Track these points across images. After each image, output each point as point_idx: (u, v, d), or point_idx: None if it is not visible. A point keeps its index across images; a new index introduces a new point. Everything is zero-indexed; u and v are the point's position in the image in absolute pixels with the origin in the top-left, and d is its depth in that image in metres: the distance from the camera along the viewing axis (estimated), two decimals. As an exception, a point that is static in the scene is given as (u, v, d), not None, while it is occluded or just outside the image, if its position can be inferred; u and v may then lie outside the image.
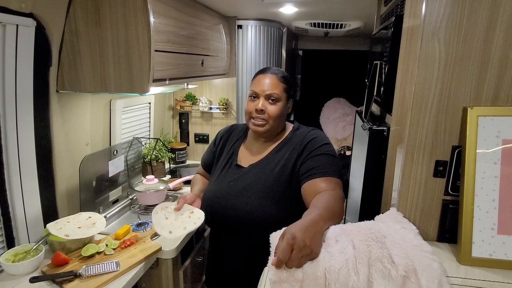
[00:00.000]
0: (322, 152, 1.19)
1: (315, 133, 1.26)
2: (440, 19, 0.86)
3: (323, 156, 1.18)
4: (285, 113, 1.28)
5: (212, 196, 1.26)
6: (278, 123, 1.26)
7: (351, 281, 0.78)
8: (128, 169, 1.88)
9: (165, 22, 1.45)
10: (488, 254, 0.85)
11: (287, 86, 1.26)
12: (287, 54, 3.04)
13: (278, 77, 1.26)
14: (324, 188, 1.09)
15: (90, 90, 1.39)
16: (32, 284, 1.11)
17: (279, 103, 1.23)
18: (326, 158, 1.18)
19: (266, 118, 1.22)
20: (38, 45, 1.26)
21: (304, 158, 1.19)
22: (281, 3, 1.93)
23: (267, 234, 0.93)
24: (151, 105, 2.18)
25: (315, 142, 1.21)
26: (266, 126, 1.23)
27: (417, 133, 0.92)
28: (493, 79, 0.86)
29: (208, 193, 1.30)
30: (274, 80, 1.24)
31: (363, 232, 0.86)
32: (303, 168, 1.17)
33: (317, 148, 1.20)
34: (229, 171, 1.30)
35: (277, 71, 1.29)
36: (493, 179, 0.85)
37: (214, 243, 1.35)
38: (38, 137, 1.33)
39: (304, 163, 1.18)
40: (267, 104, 1.22)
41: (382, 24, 1.54)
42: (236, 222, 1.20)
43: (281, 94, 1.23)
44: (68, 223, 1.34)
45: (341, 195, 1.09)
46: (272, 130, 1.26)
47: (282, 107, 1.24)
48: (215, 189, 1.27)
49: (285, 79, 1.27)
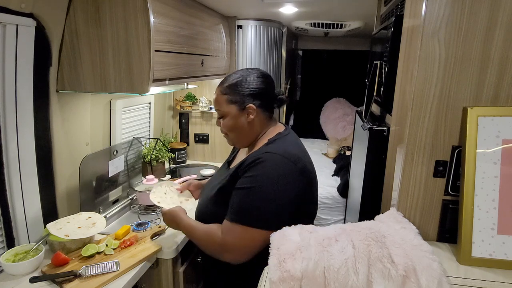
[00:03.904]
0: (241, 186, 1.06)
1: (267, 158, 1.05)
2: (440, 19, 0.86)
3: (238, 192, 1.07)
4: (241, 123, 1.16)
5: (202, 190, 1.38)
6: (239, 135, 1.19)
7: (350, 281, 0.78)
8: (128, 169, 1.88)
9: (165, 22, 1.45)
10: (488, 254, 0.85)
11: (231, 96, 1.14)
12: (287, 54, 3.04)
13: (222, 88, 1.17)
14: (221, 230, 1.09)
15: (90, 90, 1.39)
16: (32, 284, 1.11)
17: (227, 117, 1.16)
18: (239, 195, 1.06)
19: (224, 133, 1.21)
20: (38, 45, 1.26)
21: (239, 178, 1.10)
22: (281, 3, 1.93)
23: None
24: (151, 105, 2.18)
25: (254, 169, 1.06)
26: (229, 139, 1.23)
27: (417, 133, 0.92)
28: (493, 79, 0.86)
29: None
30: (217, 95, 1.18)
31: (363, 232, 0.86)
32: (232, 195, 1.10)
33: (247, 177, 1.06)
34: (221, 170, 1.35)
35: (224, 81, 1.18)
36: (493, 179, 0.85)
37: None
38: (38, 137, 1.33)
39: (234, 189, 1.09)
40: (221, 121, 1.20)
41: (382, 24, 1.54)
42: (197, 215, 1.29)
43: (225, 108, 1.15)
44: (68, 223, 1.34)
45: (222, 245, 1.07)
46: (238, 141, 1.22)
47: (231, 121, 1.16)
48: (206, 184, 1.36)
49: (229, 88, 1.15)
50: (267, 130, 1.20)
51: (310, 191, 1.14)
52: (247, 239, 1.04)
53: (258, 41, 2.48)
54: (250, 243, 1.04)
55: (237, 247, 1.05)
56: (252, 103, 1.14)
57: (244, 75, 1.17)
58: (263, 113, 1.18)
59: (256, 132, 1.19)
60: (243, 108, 1.15)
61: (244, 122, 1.16)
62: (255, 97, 1.15)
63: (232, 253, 1.06)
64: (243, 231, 1.03)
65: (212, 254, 1.12)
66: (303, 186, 1.07)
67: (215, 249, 1.10)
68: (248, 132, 1.18)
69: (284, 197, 1.03)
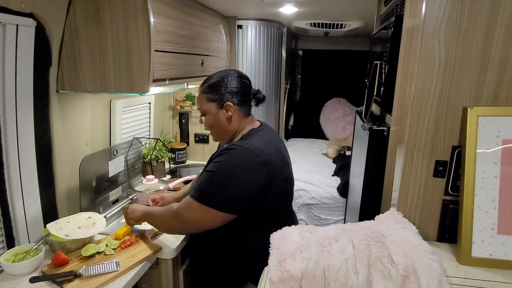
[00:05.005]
0: (207, 169, 1.18)
1: (232, 149, 1.16)
2: (440, 19, 0.86)
3: (204, 174, 1.19)
4: (220, 119, 1.27)
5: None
6: (219, 131, 1.30)
7: (350, 280, 0.78)
8: (128, 169, 1.88)
9: (165, 22, 1.45)
10: (488, 254, 0.85)
11: (211, 94, 1.26)
12: (287, 54, 3.04)
13: (203, 88, 1.29)
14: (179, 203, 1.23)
15: (90, 90, 1.39)
16: (32, 284, 1.11)
17: (208, 115, 1.28)
18: (204, 176, 1.18)
19: (207, 129, 1.33)
20: (38, 45, 1.26)
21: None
22: (281, 3, 1.93)
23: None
24: (151, 105, 2.18)
25: (220, 156, 1.18)
26: (212, 136, 1.35)
27: (417, 133, 0.92)
28: (493, 79, 0.86)
29: None
30: (199, 94, 1.30)
31: (363, 232, 0.86)
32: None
33: (213, 162, 1.19)
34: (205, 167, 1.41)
35: (205, 82, 1.30)
36: (493, 179, 0.85)
37: None
38: (38, 137, 1.33)
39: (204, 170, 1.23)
40: (203, 118, 1.31)
41: (382, 24, 1.54)
42: None
43: (206, 106, 1.27)
44: (68, 223, 1.34)
45: (176, 214, 1.20)
46: (219, 137, 1.34)
47: (211, 118, 1.28)
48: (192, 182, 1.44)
49: (209, 88, 1.27)
50: (244, 126, 1.30)
51: (275, 183, 1.18)
52: (199, 215, 1.15)
53: (258, 41, 2.48)
54: (201, 219, 1.16)
55: (187, 219, 1.18)
56: (230, 101, 1.26)
57: (223, 76, 1.29)
58: (240, 110, 1.29)
59: (234, 128, 1.29)
60: (221, 105, 1.26)
61: (223, 118, 1.27)
62: (233, 95, 1.26)
63: (181, 223, 1.20)
64: (198, 207, 1.14)
65: (166, 227, 1.28)
66: (264, 176, 1.14)
67: (169, 219, 1.23)
68: (227, 128, 1.29)
69: (243, 184, 1.12)
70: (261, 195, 1.15)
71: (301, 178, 2.64)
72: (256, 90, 1.35)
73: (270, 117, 2.78)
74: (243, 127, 1.29)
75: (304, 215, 2.61)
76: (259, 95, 1.35)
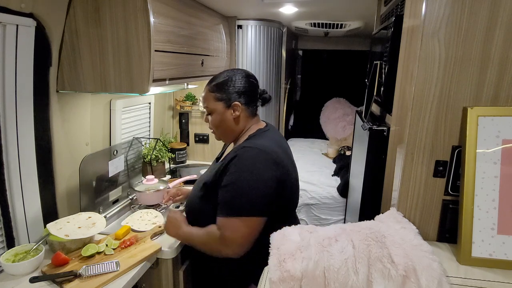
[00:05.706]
0: (224, 184, 1.13)
1: (243, 152, 1.13)
2: (440, 19, 0.86)
3: (223, 190, 1.13)
4: (227, 119, 1.24)
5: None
6: (225, 130, 1.28)
7: (350, 280, 0.78)
8: (128, 169, 1.88)
9: (165, 22, 1.45)
10: (488, 254, 0.85)
11: (218, 94, 1.24)
12: (287, 54, 3.04)
13: (210, 87, 1.27)
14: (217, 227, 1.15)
15: (90, 90, 1.39)
16: (32, 284, 1.11)
17: (214, 114, 1.26)
18: (224, 192, 1.13)
19: (211, 129, 1.31)
20: (38, 45, 1.26)
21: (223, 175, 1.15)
22: (281, 3, 1.93)
23: (196, 224, 1.23)
24: (151, 105, 2.18)
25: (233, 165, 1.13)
26: (216, 135, 1.33)
27: (417, 133, 0.92)
28: (493, 79, 0.86)
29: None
30: (205, 93, 1.28)
31: (363, 232, 0.86)
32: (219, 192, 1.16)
33: (229, 174, 1.13)
34: (211, 166, 1.39)
35: (212, 80, 1.28)
36: (493, 179, 0.85)
37: None
38: (38, 137, 1.33)
39: (220, 188, 1.15)
40: (209, 117, 1.29)
41: (382, 24, 1.54)
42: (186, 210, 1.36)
43: (213, 105, 1.25)
44: (68, 223, 1.34)
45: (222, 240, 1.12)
46: (224, 137, 1.32)
47: (218, 117, 1.25)
48: (196, 181, 1.40)
49: (217, 87, 1.24)
50: (250, 127, 1.28)
51: (287, 183, 1.17)
52: (243, 229, 1.10)
53: (258, 41, 2.48)
54: (246, 232, 1.10)
55: (235, 239, 1.10)
56: (238, 101, 1.24)
57: (230, 75, 1.26)
58: (247, 110, 1.27)
59: (240, 128, 1.28)
60: (229, 105, 1.24)
61: (230, 118, 1.25)
62: (240, 95, 1.24)
63: (231, 247, 1.11)
64: (238, 221, 1.10)
65: (213, 252, 1.17)
66: (280, 175, 1.13)
67: (216, 245, 1.14)
68: (233, 127, 1.27)
69: (264, 181, 1.10)
70: (277, 194, 1.13)
71: (301, 178, 2.62)
72: (262, 90, 1.34)
73: (270, 117, 2.78)
74: (249, 127, 1.28)
75: (304, 215, 2.61)
76: (265, 95, 1.34)
